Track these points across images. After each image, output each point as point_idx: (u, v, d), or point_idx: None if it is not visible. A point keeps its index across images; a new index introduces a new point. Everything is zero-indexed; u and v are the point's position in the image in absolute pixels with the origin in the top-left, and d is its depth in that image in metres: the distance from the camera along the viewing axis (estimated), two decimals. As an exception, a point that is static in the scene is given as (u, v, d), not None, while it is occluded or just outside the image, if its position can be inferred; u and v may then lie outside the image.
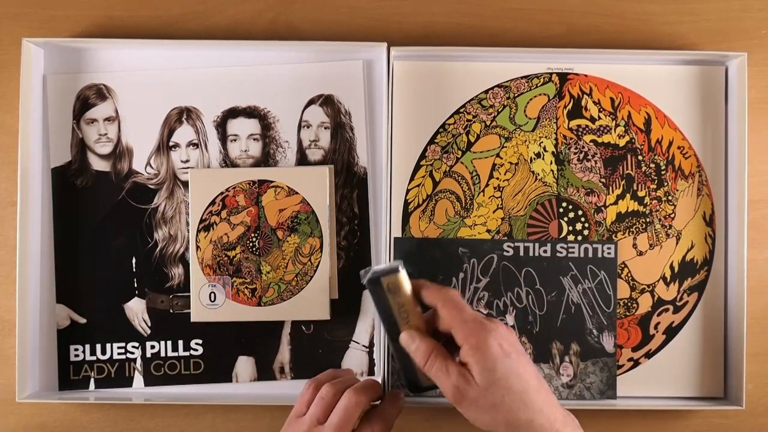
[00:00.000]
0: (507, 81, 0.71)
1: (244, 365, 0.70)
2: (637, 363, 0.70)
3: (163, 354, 0.70)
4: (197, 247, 0.70)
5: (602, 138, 0.71)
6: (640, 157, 0.70)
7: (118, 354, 0.70)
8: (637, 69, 0.71)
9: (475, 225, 0.70)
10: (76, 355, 0.70)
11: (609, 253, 0.69)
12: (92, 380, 0.70)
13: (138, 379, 0.70)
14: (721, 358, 0.70)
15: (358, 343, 0.70)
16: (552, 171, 0.70)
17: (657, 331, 0.70)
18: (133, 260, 0.70)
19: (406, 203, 0.70)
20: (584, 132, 0.71)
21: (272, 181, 0.70)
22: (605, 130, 0.71)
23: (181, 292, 0.70)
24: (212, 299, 0.69)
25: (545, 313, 0.69)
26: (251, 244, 0.70)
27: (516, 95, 0.71)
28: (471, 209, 0.70)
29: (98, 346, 0.70)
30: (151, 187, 0.71)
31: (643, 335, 0.70)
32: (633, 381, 0.70)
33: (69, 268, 0.70)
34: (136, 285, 0.70)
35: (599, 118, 0.71)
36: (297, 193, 0.70)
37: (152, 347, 0.70)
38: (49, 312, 0.70)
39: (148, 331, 0.70)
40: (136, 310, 0.70)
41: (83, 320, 0.70)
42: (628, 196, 0.70)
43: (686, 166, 0.71)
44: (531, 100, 0.71)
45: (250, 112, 0.71)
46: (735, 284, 0.69)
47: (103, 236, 0.70)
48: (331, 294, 0.70)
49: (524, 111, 0.71)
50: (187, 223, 0.70)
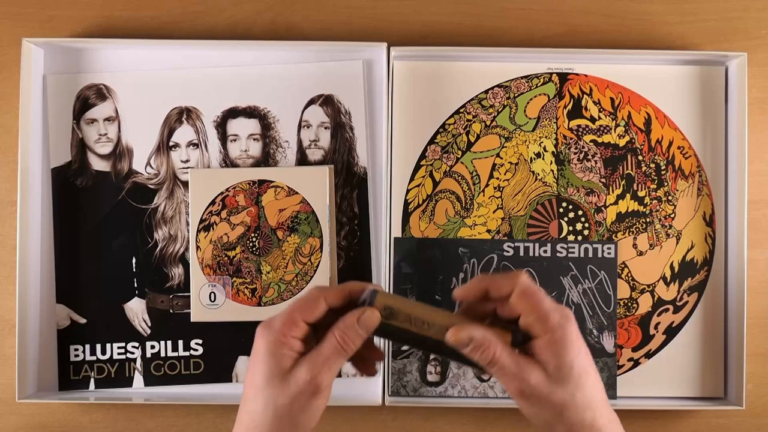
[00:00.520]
0: (507, 81, 0.71)
1: (244, 365, 0.70)
2: (637, 363, 0.70)
3: (163, 354, 0.70)
4: (197, 247, 0.70)
5: (602, 138, 0.71)
6: (640, 157, 0.70)
7: (118, 354, 0.70)
8: (637, 69, 0.71)
9: (475, 225, 0.70)
10: (76, 355, 0.70)
11: (609, 253, 0.69)
12: (92, 380, 0.70)
13: (138, 379, 0.70)
14: (721, 358, 0.70)
15: (358, 343, 0.70)
16: (552, 171, 0.70)
17: (657, 331, 0.70)
18: (133, 260, 0.70)
19: (406, 203, 0.70)
20: (584, 132, 0.71)
21: (272, 181, 0.70)
22: (605, 130, 0.71)
23: (181, 292, 0.70)
24: (212, 299, 0.69)
25: (545, 313, 0.69)
26: (251, 244, 0.70)
27: (516, 95, 0.71)
28: (471, 209, 0.70)
29: (98, 346, 0.70)
30: (151, 187, 0.71)
31: (643, 335, 0.70)
32: (633, 381, 0.70)
33: (69, 268, 0.70)
34: (136, 285, 0.70)
35: (599, 118, 0.71)
36: (297, 193, 0.70)
37: (152, 347, 0.70)
38: (49, 312, 0.70)
39: (148, 331, 0.70)
40: (136, 310, 0.70)
41: (83, 320, 0.70)
42: (628, 196, 0.70)
43: (686, 166, 0.71)
44: (531, 100, 0.71)
45: (250, 112, 0.71)
46: (735, 284, 0.69)
47: (103, 236, 0.70)
48: (331, 294, 0.70)
49: (524, 111, 0.71)
50: (187, 223, 0.70)
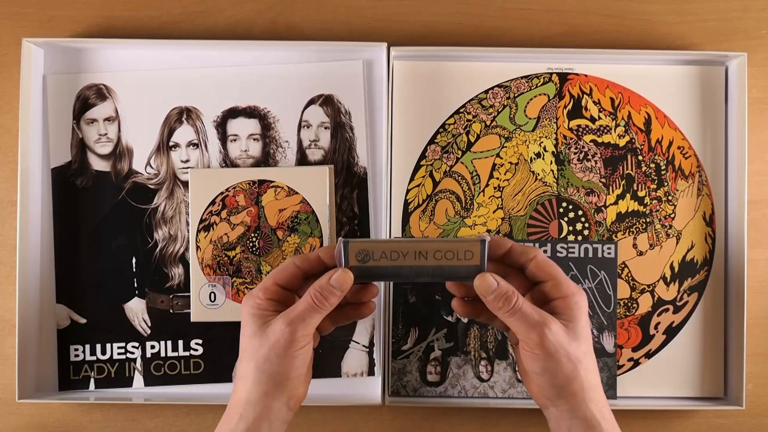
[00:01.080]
0: (507, 81, 0.71)
1: (244, 365, 0.70)
2: (637, 363, 0.70)
3: (163, 354, 0.70)
4: (197, 247, 0.70)
5: (602, 138, 0.71)
6: (640, 157, 0.70)
7: (118, 354, 0.70)
8: (637, 69, 0.71)
9: (476, 225, 0.70)
10: (76, 355, 0.70)
11: (609, 253, 0.69)
12: (92, 380, 0.70)
13: (138, 379, 0.70)
14: (721, 358, 0.70)
15: (358, 343, 0.70)
16: (552, 171, 0.70)
17: (657, 331, 0.70)
18: (133, 260, 0.70)
19: (406, 203, 0.70)
20: (584, 132, 0.71)
21: (272, 181, 0.70)
22: (605, 130, 0.71)
23: (181, 292, 0.70)
24: (212, 299, 0.69)
25: (545, 313, 0.69)
26: (251, 244, 0.70)
27: (516, 95, 0.71)
28: (471, 209, 0.70)
29: (98, 346, 0.70)
30: (151, 187, 0.71)
31: (643, 335, 0.70)
32: (633, 381, 0.70)
33: (69, 268, 0.70)
34: (136, 285, 0.70)
35: (599, 118, 0.71)
36: (297, 193, 0.70)
37: (152, 347, 0.70)
38: (49, 312, 0.70)
39: (148, 331, 0.70)
40: (136, 310, 0.70)
41: (83, 320, 0.70)
42: (628, 196, 0.70)
43: (686, 166, 0.71)
44: (531, 100, 0.71)
45: (250, 112, 0.71)
46: (735, 284, 0.69)
47: (103, 236, 0.70)
48: (331, 294, 0.70)
49: (524, 111, 0.71)
50: (187, 223, 0.70)
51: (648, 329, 0.70)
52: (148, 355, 0.70)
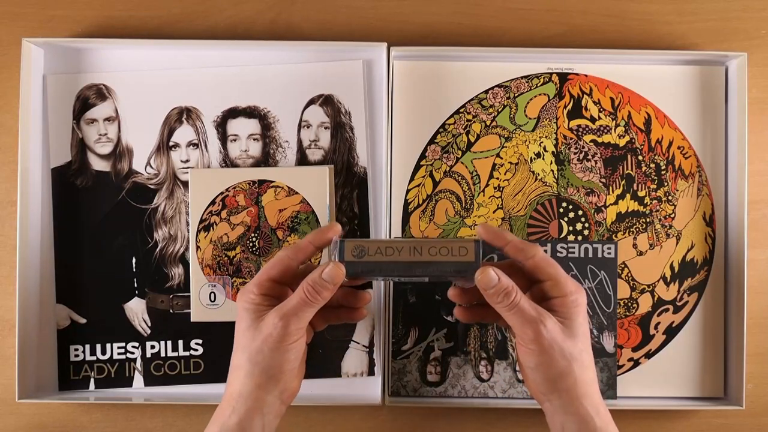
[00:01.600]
0: (507, 81, 0.71)
1: (244, 365, 0.70)
2: (637, 363, 0.70)
3: (163, 354, 0.70)
4: (197, 247, 0.70)
5: (602, 138, 0.71)
6: (640, 157, 0.70)
7: (118, 354, 0.70)
8: (637, 69, 0.71)
9: (476, 225, 0.70)
10: (76, 355, 0.70)
11: (609, 253, 0.69)
12: (92, 380, 0.70)
13: (138, 379, 0.70)
14: (721, 358, 0.70)
15: (358, 343, 0.70)
16: (552, 171, 0.70)
17: (657, 331, 0.70)
18: (133, 260, 0.70)
19: (406, 203, 0.70)
20: (584, 132, 0.71)
21: (272, 181, 0.70)
22: (605, 130, 0.71)
23: (181, 292, 0.70)
24: (212, 299, 0.69)
25: (545, 313, 0.69)
26: (251, 244, 0.70)
27: (516, 95, 0.71)
28: (471, 209, 0.70)
29: (98, 346, 0.70)
30: (151, 187, 0.71)
31: (643, 335, 0.70)
32: (633, 381, 0.70)
33: (69, 268, 0.70)
34: (136, 285, 0.70)
35: (599, 118, 0.71)
36: (297, 193, 0.70)
37: (152, 347, 0.70)
38: (49, 312, 0.70)
39: (148, 331, 0.70)
40: (136, 310, 0.70)
41: (83, 320, 0.70)
42: (628, 196, 0.70)
43: (686, 166, 0.71)
44: (531, 100, 0.71)
45: (250, 112, 0.71)
46: (735, 284, 0.69)
47: (103, 236, 0.70)
48: (331, 294, 0.70)
49: (524, 111, 0.71)
50: (187, 223, 0.70)
51: (648, 329, 0.70)
52: (148, 355, 0.70)
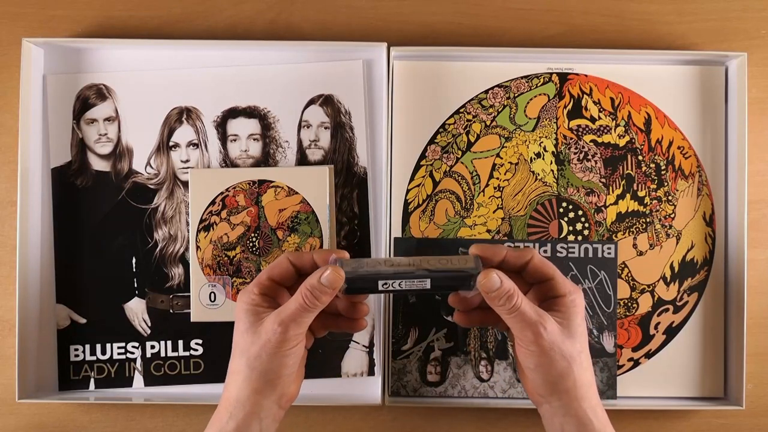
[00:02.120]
0: (507, 81, 0.71)
1: (244, 365, 0.70)
2: (637, 363, 0.70)
3: (163, 354, 0.70)
4: (197, 247, 0.70)
5: (602, 138, 0.71)
6: (640, 157, 0.70)
7: (118, 354, 0.70)
8: (637, 69, 0.71)
9: (476, 225, 0.70)
10: (76, 355, 0.70)
11: (609, 253, 0.69)
12: (92, 380, 0.70)
13: (138, 379, 0.70)
14: (721, 358, 0.70)
15: (358, 343, 0.70)
16: (552, 171, 0.70)
17: (657, 331, 0.70)
18: (133, 260, 0.70)
19: (406, 203, 0.70)
20: (584, 132, 0.71)
21: (272, 181, 0.70)
22: (605, 130, 0.71)
23: (181, 292, 0.70)
24: (212, 299, 0.69)
25: (545, 313, 0.69)
26: (251, 244, 0.70)
27: (516, 95, 0.71)
28: (471, 209, 0.70)
29: (98, 346, 0.70)
30: (151, 187, 0.71)
31: (643, 335, 0.70)
32: (633, 381, 0.70)
33: (69, 268, 0.70)
34: (136, 285, 0.70)
35: (599, 118, 0.71)
36: (297, 193, 0.70)
37: (152, 347, 0.70)
38: (49, 312, 0.70)
39: (148, 331, 0.70)
40: (136, 310, 0.70)
41: (83, 320, 0.70)
42: (628, 196, 0.70)
43: (686, 166, 0.71)
44: (531, 100, 0.71)
45: (250, 112, 0.71)
46: (735, 284, 0.69)
47: (103, 236, 0.70)
48: (331, 294, 0.70)
49: (524, 111, 0.71)
50: (187, 223, 0.70)
51: (648, 329, 0.70)
52: (148, 355, 0.70)
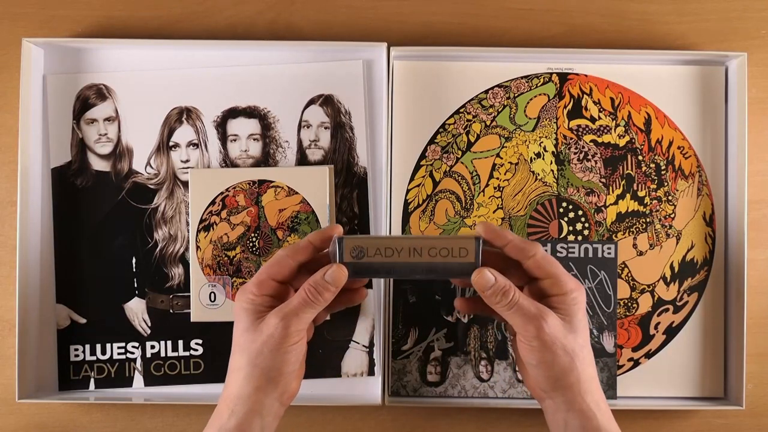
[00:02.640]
0: (507, 81, 0.71)
1: (244, 365, 0.70)
2: (637, 363, 0.70)
3: (163, 354, 0.70)
4: (197, 247, 0.70)
5: (602, 138, 0.71)
6: (640, 157, 0.70)
7: (118, 354, 0.70)
8: (637, 69, 0.71)
9: (476, 225, 0.70)
10: (76, 355, 0.70)
11: (609, 253, 0.69)
12: (92, 380, 0.70)
13: (138, 379, 0.70)
14: (721, 358, 0.70)
15: (358, 343, 0.70)
16: (552, 171, 0.70)
17: (657, 331, 0.70)
18: (133, 260, 0.70)
19: (406, 203, 0.70)
20: (584, 132, 0.71)
21: (272, 181, 0.70)
22: (605, 130, 0.71)
23: (181, 292, 0.70)
24: (212, 299, 0.69)
25: (545, 313, 0.69)
26: (251, 244, 0.70)
27: (516, 95, 0.71)
28: (471, 209, 0.70)
29: (98, 346, 0.70)
30: (151, 187, 0.71)
31: (643, 335, 0.70)
32: (633, 381, 0.70)
33: (69, 268, 0.70)
34: (136, 285, 0.70)
35: (599, 118, 0.71)
36: (297, 193, 0.70)
37: (152, 347, 0.70)
38: (49, 312, 0.70)
39: (148, 331, 0.70)
40: (136, 310, 0.70)
41: (83, 320, 0.70)
42: (628, 196, 0.70)
43: (686, 166, 0.71)
44: (531, 100, 0.71)
45: (250, 112, 0.71)
46: (735, 284, 0.69)
47: (103, 236, 0.70)
48: (331, 294, 0.70)
49: (524, 111, 0.71)
50: (187, 223, 0.70)
51: (648, 329, 0.70)
52: (148, 355, 0.70)
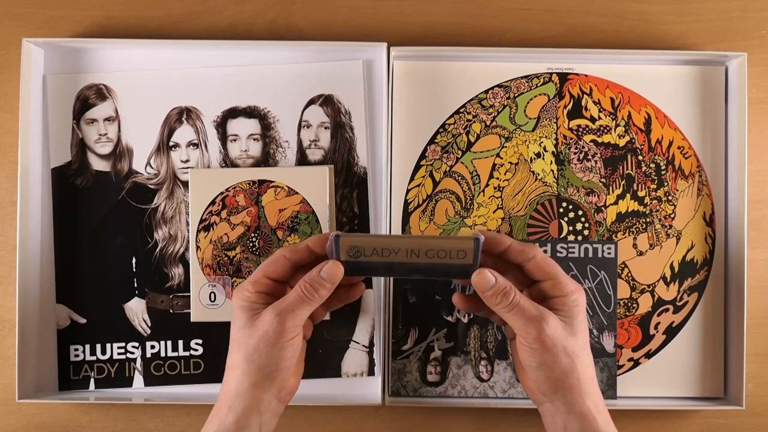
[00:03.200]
0: (507, 81, 0.71)
1: (244, 365, 0.70)
2: (637, 363, 0.70)
3: (163, 354, 0.70)
4: (197, 247, 0.70)
5: (602, 138, 0.71)
6: (640, 157, 0.70)
7: (118, 354, 0.70)
8: (637, 69, 0.71)
9: (476, 225, 0.70)
10: (76, 355, 0.70)
11: (609, 253, 0.69)
12: (92, 380, 0.70)
13: (138, 379, 0.70)
14: (721, 358, 0.70)
15: (358, 343, 0.70)
16: (552, 171, 0.70)
17: (657, 331, 0.70)
18: (133, 260, 0.70)
19: (406, 203, 0.70)
20: (584, 132, 0.71)
21: (272, 181, 0.70)
22: (605, 130, 0.71)
23: (181, 292, 0.70)
24: (212, 299, 0.69)
25: (545, 313, 0.69)
26: (251, 244, 0.70)
27: (516, 95, 0.71)
28: (471, 209, 0.70)
29: (98, 346, 0.70)
30: (151, 187, 0.71)
31: (643, 335, 0.70)
32: (633, 381, 0.70)
33: (69, 268, 0.70)
34: (136, 285, 0.70)
35: (599, 118, 0.71)
36: (297, 193, 0.70)
37: (152, 347, 0.70)
38: (49, 312, 0.70)
39: (148, 331, 0.70)
40: (136, 310, 0.70)
41: (83, 320, 0.70)
42: (628, 196, 0.70)
43: (686, 166, 0.71)
44: (531, 100, 0.71)
45: (250, 112, 0.71)
46: (735, 284, 0.69)
47: (103, 236, 0.70)
48: (331, 294, 0.70)
49: (524, 111, 0.71)
50: (187, 223, 0.70)
51: (648, 329, 0.70)
52: (148, 355, 0.70)
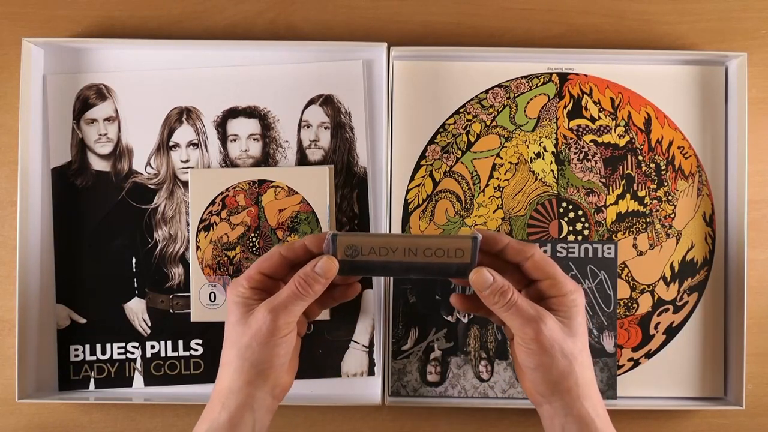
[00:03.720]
0: (507, 81, 0.71)
1: (244, 365, 0.70)
2: (637, 363, 0.70)
3: (163, 354, 0.70)
4: (197, 247, 0.70)
5: (602, 138, 0.71)
6: (640, 157, 0.70)
7: (118, 354, 0.70)
8: (637, 69, 0.71)
9: (476, 225, 0.70)
10: (76, 355, 0.70)
11: (609, 253, 0.69)
12: (92, 380, 0.70)
13: (138, 379, 0.70)
14: (721, 358, 0.70)
15: (358, 343, 0.70)
16: (552, 171, 0.71)
17: (657, 331, 0.70)
18: (133, 260, 0.70)
19: (406, 203, 0.70)
20: (584, 132, 0.71)
21: (272, 181, 0.70)
22: (605, 130, 0.71)
23: (181, 292, 0.70)
24: (212, 299, 0.70)
25: (545, 313, 0.69)
26: (251, 244, 0.70)
27: (516, 95, 0.71)
28: (471, 209, 0.70)
29: (98, 346, 0.70)
30: (151, 187, 0.71)
31: (643, 335, 0.70)
32: (633, 381, 0.70)
33: (69, 268, 0.70)
34: (136, 285, 0.70)
35: (599, 118, 0.71)
36: (297, 193, 0.70)
37: (152, 347, 0.70)
38: (49, 312, 0.70)
39: (148, 331, 0.70)
40: (136, 310, 0.70)
41: (83, 320, 0.70)
42: (628, 196, 0.70)
43: (686, 166, 0.71)
44: (531, 100, 0.71)
45: (250, 112, 0.71)
46: (735, 284, 0.69)
47: (103, 236, 0.70)
48: (331, 294, 0.70)
49: (524, 111, 0.71)
50: (187, 223, 0.70)
51: (648, 329, 0.70)
52: (148, 355, 0.70)
